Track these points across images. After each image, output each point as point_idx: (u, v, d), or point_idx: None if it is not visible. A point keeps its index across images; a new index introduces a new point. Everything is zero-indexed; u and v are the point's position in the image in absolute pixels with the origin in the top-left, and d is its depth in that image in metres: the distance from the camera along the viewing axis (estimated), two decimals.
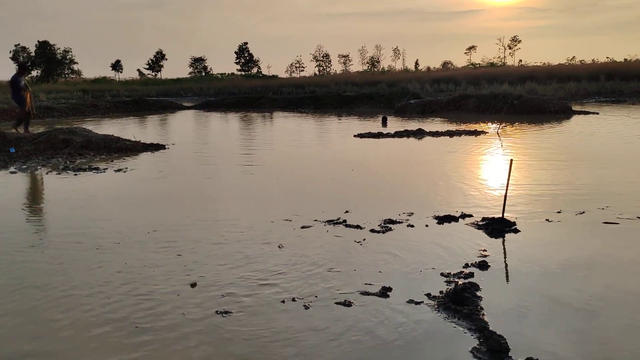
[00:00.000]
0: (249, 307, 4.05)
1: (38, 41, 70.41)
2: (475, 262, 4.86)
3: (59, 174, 10.16)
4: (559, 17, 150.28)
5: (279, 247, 5.44)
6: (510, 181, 6.24)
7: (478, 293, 4.16)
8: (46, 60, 69.64)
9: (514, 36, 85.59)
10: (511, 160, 6.27)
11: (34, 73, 68.75)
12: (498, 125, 16.54)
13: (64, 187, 8.96)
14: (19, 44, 73.04)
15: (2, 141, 13.38)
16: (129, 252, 5.37)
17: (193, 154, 13.10)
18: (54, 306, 4.13)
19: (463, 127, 17.23)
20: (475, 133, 15.43)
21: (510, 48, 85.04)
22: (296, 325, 3.76)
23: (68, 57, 71.84)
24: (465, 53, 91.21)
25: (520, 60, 77.84)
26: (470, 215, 6.41)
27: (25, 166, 11.02)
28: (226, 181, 9.35)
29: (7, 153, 12.52)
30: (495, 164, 10.76)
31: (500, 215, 6.06)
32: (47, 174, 10.23)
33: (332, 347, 3.45)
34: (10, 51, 73.15)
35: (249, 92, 41.19)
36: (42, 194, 8.77)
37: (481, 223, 6.08)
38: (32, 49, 71.23)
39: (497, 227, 5.84)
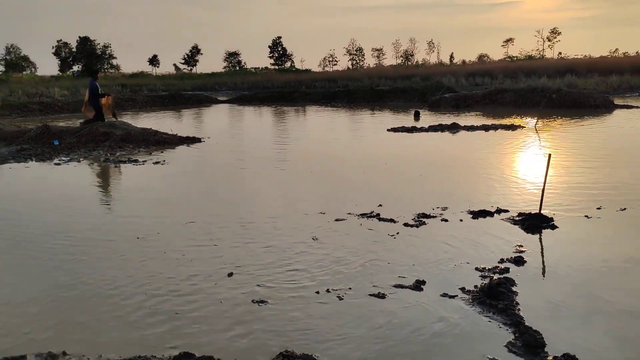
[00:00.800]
0: (284, 297, 4.13)
1: (79, 37, 72.68)
2: (511, 257, 4.81)
3: (100, 166, 10.49)
4: (601, 7, 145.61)
5: (313, 239, 5.50)
6: (547, 176, 6.13)
7: (513, 288, 4.12)
8: (87, 55, 71.65)
9: (554, 28, 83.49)
10: (549, 155, 6.16)
11: (75, 68, 70.88)
12: (535, 120, 16.19)
13: (104, 178, 9.26)
14: (61, 40, 75.37)
15: (47, 134, 13.88)
16: (168, 241, 5.53)
17: (228, 147, 13.30)
18: (93, 295, 4.30)
19: (499, 121, 16.92)
20: (512, 127, 15.15)
21: (549, 40, 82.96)
22: (330, 316, 3.81)
23: (107, 52, 73.78)
24: (502, 46, 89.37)
25: (560, 53, 75.95)
26: (505, 211, 6.33)
27: (68, 158, 11.41)
28: (260, 174, 9.48)
29: (51, 145, 12.99)
30: (531, 159, 10.55)
31: (537, 211, 5.97)
32: (89, 165, 10.58)
33: (366, 338, 3.50)
34: (53, 47, 75.54)
35: (282, 86, 41.37)
36: (85, 185, 9.07)
37: (517, 218, 6.00)
38: (73, 45, 73.33)
39: (534, 222, 5.75)
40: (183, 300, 4.11)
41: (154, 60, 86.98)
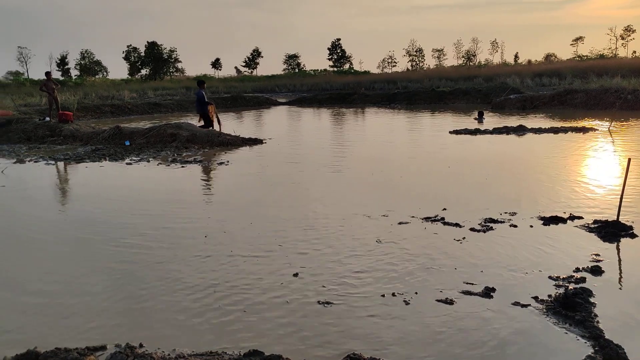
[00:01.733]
0: (349, 299, 4.12)
1: (147, 42, 75.64)
2: (588, 266, 4.59)
3: (168, 165, 10.90)
4: None
5: (377, 241, 5.47)
6: (626, 182, 5.79)
7: (591, 299, 3.92)
8: (154, 59, 74.60)
9: (628, 25, 78.75)
10: (629, 159, 5.82)
11: (143, 72, 74.08)
12: (609, 122, 15.37)
13: (173, 177, 9.61)
14: (130, 45, 78.91)
15: (119, 135, 14.58)
16: (234, 241, 5.66)
17: (289, 149, 13.46)
18: (163, 291, 4.47)
19: (569, 123, 16.19)
20: (583, 130, 14.46)
21: (623, 38, 78.42)
22: (397, 320, 3.77)
23: (173, 56, 76.46)
24: (572, 45, 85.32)
25: (634, 52, 71.69)
26: (579, 217, 6.04)
27: (138, 158, 11.94)
28: (320, 176, 9.52)
29: (123, 146, 13.64)
30: (605, 163, 10.01)
31: (615, 218, 5.65)
32: (158, 165, 11.01)
33: (434, 345, 3.43)
34: (123, 51, 79.21)
35: (341, 88, 41.44)
36: (154, 185, 9.44)
37: (593, 226, 5.71)
38: (142, 49, 76.59)
39: (612, 230, 5.46)
40: (251, 299, 4.19)
41: (216, 64, 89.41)
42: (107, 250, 5.50)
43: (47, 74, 18.33)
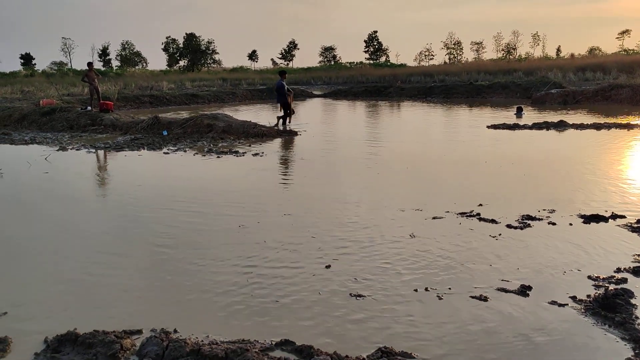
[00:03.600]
0: (381, 293, 4.11)
1: (186, 33, 76.69)
2: (629, 267, 4.43)
3: (204, 155, 11.06)
4: None
5: (410, 236, 5.42)
6: None
7: (632, 301, 3.79)
8: (192, 51, 75.63)
9: None
10: None
11: (181, 63, 75.22)
12: None
13: (208, 167, 9.76)
14: (169, 36, 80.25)
15: (157, 125, 14.88)
16: (267, 231, 5.71)
17: (324, 141, 13.46)
18: (197, 280, 4.55)
19: (613, 119, 15.64)
20: (628, 127, 13.93)
21: None
22: (430, 315, 3.73)
23: (211, 47, 77.32)
24: (617, 38, 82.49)
25: None
26: (622, 217, 5.84)
27: (175, 148, 12.16)
28: (354, 169, 9.49)
29: (160, 135, 13.92)
30: None
31: None
32: (194, 155, 11.20)
33: (467, 342, 3.38)
34: (162, 43, 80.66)
35: (377, 81, 41.11)
36: (190, 174, 9.60)
37: (636, 225, 5.51)
38: (180, 41, 77.75)
39: None
40: (283, 289, 4.22)
41: (253, 55, 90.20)
42: (144, 237, 5.64)
43: (89, 64, 18.86)
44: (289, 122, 16.48)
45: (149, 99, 27.37)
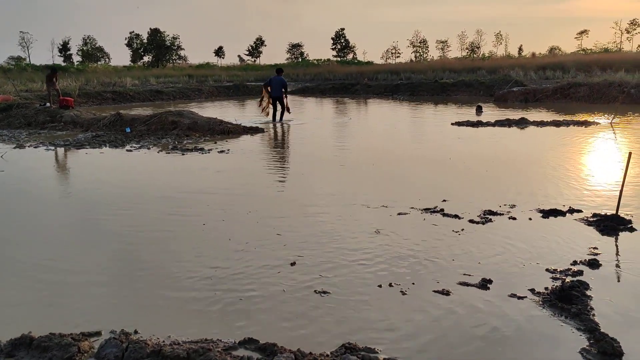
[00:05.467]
0: (346, 289, 4.12)
1: (150, 29, 75.33)
2: (585, 259, 4.57)
3: (169, 153, 10.88)
4: None
5: (375, 232, 5.46)
6: (627, 176, 5.76)
7: (587, 292, 3.91)
8: (157, 46, 74.33)
9: (633, 19, 78.33)
10: (630, 153, 5.79)
11: (145, 59, 73.77)
12: (612, 116, 15.29)
13: (173, 165, 9.60)
14: (133, 31, 78.59)
15: (120, 121, 14.55)
16: (232, 229, 5.65)
17: (290, 138, 13.44)
18: (160, 278, 4.47)
19: (571, 117, 16.13)
20: (585, 124, 14.40)
21: (628, 32, 78.01)
22: (393, 310, 3.77)
23: (176, 43, 76.16)
24: (576, 38, 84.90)
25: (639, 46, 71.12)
26: (579, 211, 6.02)
27: (139, 145, 11.91)
28: (320, 166, 9.50)
29: (123, 133, 13.61)
30: (606, 157, 9.97)
31: (614, 212, 5.63)
32: (158, 152, 10.99)
33: (429, 335, 3.43)
34: (126, 38, 78.94)
35: (344, 78, 41.22)
36: (154, 172, 9.43)
37: (592, 219, 5.69)
38: (144, 36, 76.27)
39: (610, 224, 5.43)
40: (247, 287, 4.19)
41: (219, 52, 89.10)
42: (105, 235, 5.51)
43: (54, 70, 18.39)
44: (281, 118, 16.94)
45: (111, 96, 26.76)
